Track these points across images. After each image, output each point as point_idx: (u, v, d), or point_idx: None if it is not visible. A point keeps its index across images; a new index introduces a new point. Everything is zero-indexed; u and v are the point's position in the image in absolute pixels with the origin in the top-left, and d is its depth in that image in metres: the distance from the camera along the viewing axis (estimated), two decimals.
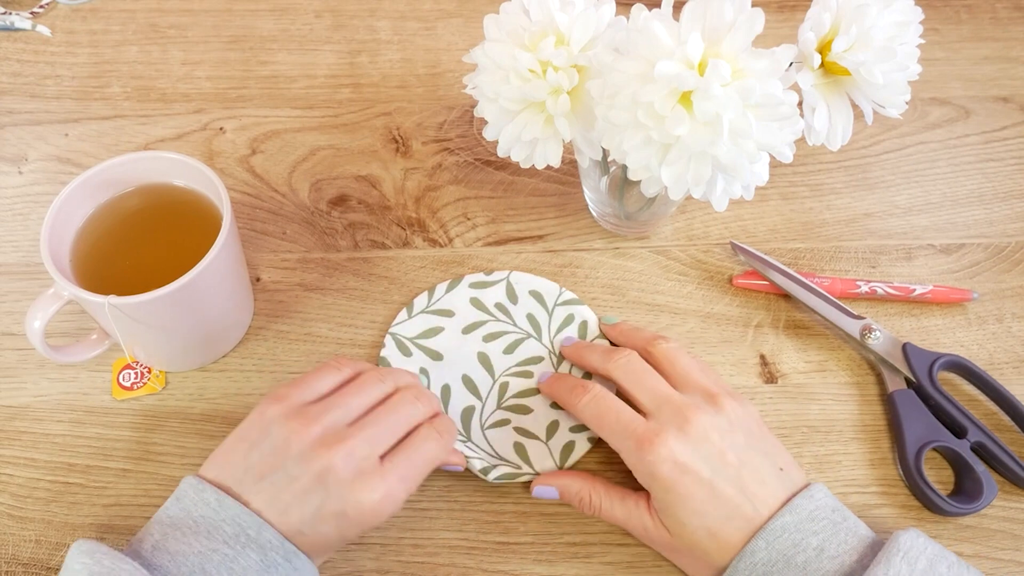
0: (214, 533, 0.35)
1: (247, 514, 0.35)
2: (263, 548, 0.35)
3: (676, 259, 0.53)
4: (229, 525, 0.35)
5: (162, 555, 0.35)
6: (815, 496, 0.38)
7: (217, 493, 0.36)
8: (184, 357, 0.47)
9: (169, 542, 0.35)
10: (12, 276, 0.51)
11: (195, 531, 0.35)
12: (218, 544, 0.35)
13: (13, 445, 0.45)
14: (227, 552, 0.35)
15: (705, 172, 0.39)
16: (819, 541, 0.37)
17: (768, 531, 0.37)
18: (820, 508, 0.38)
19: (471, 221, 0.55)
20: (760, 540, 0.37)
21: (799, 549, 0.36)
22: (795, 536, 0.37)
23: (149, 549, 0.35)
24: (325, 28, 0.65)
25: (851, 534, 0.37)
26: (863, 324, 0.49)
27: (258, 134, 0.58)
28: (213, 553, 0.35)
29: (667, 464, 0.38)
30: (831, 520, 0.38)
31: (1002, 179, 0.58)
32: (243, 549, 0.35)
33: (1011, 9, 0.68)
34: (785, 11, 0.67)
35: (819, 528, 0.37)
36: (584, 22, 0.41)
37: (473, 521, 0.44)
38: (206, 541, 0.35)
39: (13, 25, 0.64)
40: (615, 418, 0.41)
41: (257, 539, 0.35)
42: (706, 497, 0.38)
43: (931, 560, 0.36)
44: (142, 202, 0.46)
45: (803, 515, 0.37)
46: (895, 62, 0.40)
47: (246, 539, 0.35)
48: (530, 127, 0.43)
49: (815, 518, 0.37)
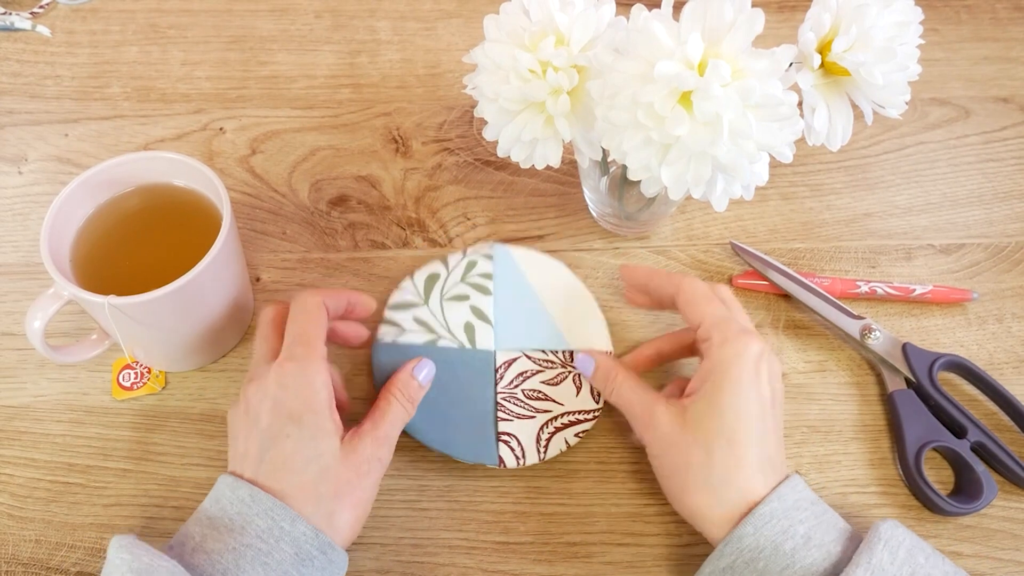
0: (247, 528, 0.36)
1: (280, 507, 0.36)
2: (296, 541, 0.36)
3: (676, 259, 0.53)
4: (262, 519, 0.36)
5: (199, 555, 0.35)
6: (797, 487, 0.38)
7: (251, 488, 0.37)
8: (184, 357, 0.47)
9: (207, 542, 0.36)
10: (12, 276, 0.51)
11: (230, 528, 0.36)
12: (251, 539, 0.35)
13: (13, 445, 0.45)
14: (261, 547, 0.35)
15: (705, 172, 0.39)
16: (806, 530, 0.37)
17: (756, 516, 0.37)
18: (802, 499, 0.38)
19: (471, 221, 0.55)
20: (748, 526, 0.37)
21: (787, 536, 0.36)
22: (783, 523, 0.37)
23: (190, 551, 0.36)
24: (325, 28, 0.65)
25: (832, 526, 0.38)
26: (863, 324, 0.49)
27: (258, 134, 0.58)
28: (247, 549, 0.35)
29: (756, 353, 0.39)
30: (813, 512, 0.38)
31: (1002, 179, 0.58)
32: (276, 543, 0.35)
33: (1011, 9, 0.68)
34: (785, 11, 0.67)
35: (804, 517, 0.37)
36: (584, 22, 0.41)
37: (473, 521, 0.44)
38: (240, 537, 0.35)
39: (13, 25, 0.64)
40: (712, 309, 0.41)
41: (291, 532, 0.36)
42: (758, 414, 0.39)
43: (910, 550, 0.36)
44: (142, 202, 0.46)
45: (789, 503, 0.37)
46: (895, 62, 0.40)
47: (279, 532, 0.36)
48: (530, 127, 0.43)
49: (800, 507, 0.38)
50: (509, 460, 0.44)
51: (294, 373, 0.39)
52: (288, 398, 0.38)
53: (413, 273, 0.50)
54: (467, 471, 0.45)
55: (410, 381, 0.43)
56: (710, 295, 0.42)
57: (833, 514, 0.39)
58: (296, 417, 0.38)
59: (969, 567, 0.43)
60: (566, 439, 0.45)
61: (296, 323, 0.41)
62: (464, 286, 0.49)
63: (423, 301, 0.48)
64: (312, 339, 0.40)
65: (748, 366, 0.39)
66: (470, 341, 0.47)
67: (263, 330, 0.42)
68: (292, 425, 0.38)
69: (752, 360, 0.39)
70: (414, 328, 0.47)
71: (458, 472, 0.45)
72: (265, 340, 0.42)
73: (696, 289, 0.42)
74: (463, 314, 0.48)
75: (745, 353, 0.39)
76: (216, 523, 0.36)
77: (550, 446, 0.44)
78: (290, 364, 0.39)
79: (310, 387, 0.39)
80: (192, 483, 0.44)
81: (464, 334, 0.47)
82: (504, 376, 0.46)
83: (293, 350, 0.40)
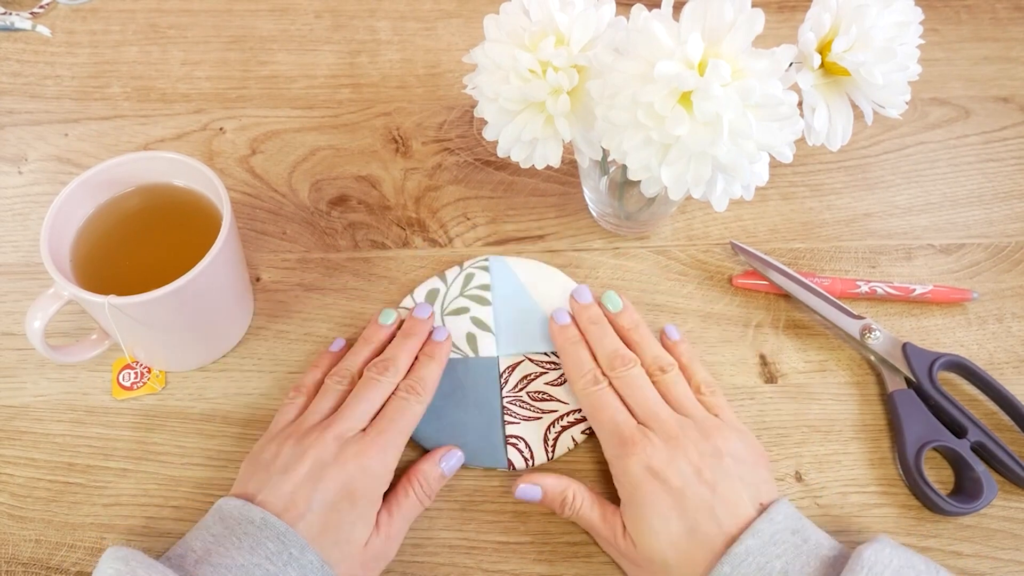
0: (257, 548, 0.36)
1: (291, 534, 0.36)
2: (304, 568, 0.36)
3: (676, 259, 0.53)
4: (273, 543, 0.36)
5: (204, 567, 0.35)
6: (775, 519, 0.38)
7: (263, 512, 0.37)
8: (184, 357, 0.47)
9: (212, 555, 0.36)
10: (12, 276, 0.51)
11: (239, 547, 0.36)
12: (261, 559, 0.35)
13: (13, 445, 0.45)
14: (269, 568, 0.35)
15: (705, 172, 0.39)
16: (783, 564, 0.36)
17: (732, 556, 0.36)
18: (780, 531, 0.37)
19: (471, 221, 0.55)
20: (725, 565, 0.36)
21: (764, 574, 0.36)
22: (759, 560, 0.36)
23: (192, 562, 0.36)
24: (325, 28, 0.65)
25: (812, 556, 0.37)
26: (863, 324, 0.49)
27: (258, 134, 0.58)
28: (256, 568, 0.35)
29: (641, 467, 0.39)
30: (792, 543, 0.37)
31: (1002, 179, 0.58)
32: (284, 567, 0.36)
33: (1011, 9, 0.68)
34: (785, 11, 0.67)
35: (781, 552, 0.36)
36: (584, 22, 0.41)
37: (473, 521, 0.44)
38: (249, 556, 0.35)
39: (13, 25, 0.64)
40: (610, 415, 0.42)
41: (300, 559, 0.36)
42: (672, 505, 0.38)
43: (897, 571, 0.35)
44: (142, 202, 0.46)
45: (765, 538, 0.37)
46: (895, 62, 0.40)
47: (288, 557, 0.36)
48: (530, 127, 0.43)
49: (776, 541, 0.37)
50: (518, 462, 0.44)
51: (379, 460, 0.40)
52: (359, 481, 0.39)
53: (413, 290, 0.50)
54: (467, 470, 0.45)
55: (433, 471, 0.43)
56: (638, 392, 0.42)
57: (816, 541, 0.37)
58: (355, 500, 0.39)
59: (969, 567, 0.43)
60: (573, 437, 0.45)
61: (400, 418, 0.42)
62: (463, 299, 0.49)
63: None
64: (403, 439, 0.42)
65: (638, 477, 0.39)
66: (473, 350, 0.47)
67: (311, 384, 0.44)
68: (347, 503, 0.38)
69: (640, 471, 0.39)
70: None
71: (458, 472, 0.45)
72: (306, 395, 0.44)
73: (622, 388, 0.43)
74: (464, 325, 0.48)
75: (631, 470, 0.39)
76: (222, 540, 0.36)
77: (558, 445, 0.45)
78: (378, 456, 0.40)
79: (381, 481, 0.40)
80: (192, 483, 0.44)
81: (467, 344, 0.48)
82: (508, 380, 0.47)
83: (385, 440, 0.40)
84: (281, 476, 0.38)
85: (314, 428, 0.41)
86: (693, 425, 0.41)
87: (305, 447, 0.39)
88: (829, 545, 0.38)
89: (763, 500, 0.39)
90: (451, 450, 0.44)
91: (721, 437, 0.41)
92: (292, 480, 0.38)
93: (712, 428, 0.41)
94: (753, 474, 0.40)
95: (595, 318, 0.47)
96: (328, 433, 0.40)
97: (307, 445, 0.39)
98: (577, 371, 0.44)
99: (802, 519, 0.39)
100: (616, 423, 0.41)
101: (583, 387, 0.44)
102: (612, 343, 0.45)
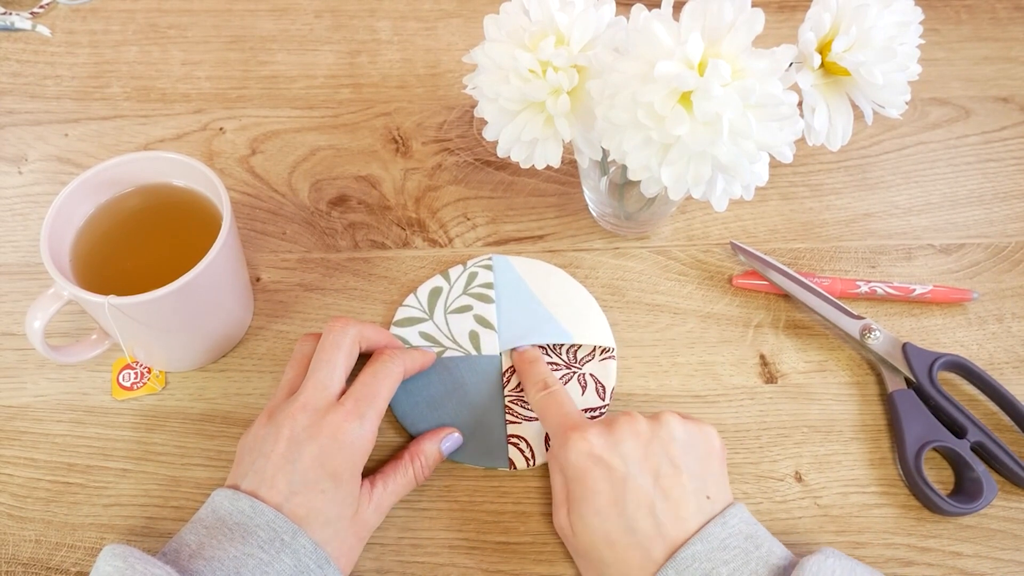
0: (249, 538, 0.35)
1: (282, 519, 0.36)
2: (297, 553, 0.36)
3: (676, 259, 0.53)
4: (264, 530, 0.36)
5: (198, 561, 0.35)
6: (728, 522, 0.37)
7: (251, 500, 0.37)
8: (184, 357, 0.47)
9: (205, 549, 0.35)
10: (12, 276, 0.51)
11: (231, 538, 0.36)
12: (253, 549, 0.35)
13: (13, 445, 0.45)
14: (262, 556, 0.35)
15: (705, 172, 0.39)
16: (729, 571, 0.35)
17: (678, 560, 0.35)
18: (732, 536, 0.36)
19: (471, 221, 0.55)
20: (669, 570, 0.35)
21: None
22: (705, 566, 0.35)
23: (187, 557, 0.35)
24: (325, 28, 0.65)
25: (762, 563, 0.36)
26: (863, 324, 0.49)
27: (258, 134, 0.58)
28: (248, 558, 0.35)
29: (582, 454, 0.39)
30: (743, 548, 0.36)
31: (1002, 179, 0.58)
32: (277, 554, 0.35)
33: (1011, 9, 0.68)
34: (785, 11, 0.67)
35: (730, 557, 0.36)
36: (584, 22, 0.41)
37: (473, 521, 0.44)
38: (241, 546, 0.35)
39: (13, 25, 0.64)
40: (557, 410, 0.42)
41: (292, 544, 0.36)
42: (614, 497, 0.37)
43: None
44: (142, 202, 0.46)
45: (714, 543, 0.36)
46: (895, 62, 0.40)
47: (280, 544, 0.36)
48: (530, 127, 0.43)
49: (727, 547, 0.36)
50: (519, 462, 0.44)
51: (353, 434, 0.39)
52: (336, 455, 0.38)
53: (416, 289, 0.50)
54: (467, 471, 0.45)
55: (433, 450, 0.43)
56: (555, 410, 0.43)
57: (769, 548, 0.37)
58: (336, 476, 0.38)
59: (969, 567, 0.43)
60: None
61: (374, 382, 0.41)
62: (467, 297, 0.49)
63: (428, 316, 0.49)
64: (382, 403, 0.41)
65: (579, 465, 0.38)
66: (475, 348, 0.47)
67: (299, 362, 0.43)
68: (329, 481, 0.38)
69: (582, 458, 0.38)
70: (420, 343, 0.48)
71: (458, 472, 0.45)
72: (296, 373, 0.42)
73: (539, 411, 0.43)
74: (467, 324, 0.48)
75: (572, 457, 0.39)
76: (215, 532, 0.36)
77: None
78: (353, 424, 0.39)
79: (361, 451, 0.39)
80: (192, 483, 0.44)
81: (469, 342, 0.48)
82: (511, 380, 0.47)
83: (361, 408, 0.39)
84: (260, 458, 0.38)
85: (283, 401, 0.40)
86: (640, 414, 0.40)
87: (278, 424, 0.39)
88: (781, 554, 0.37)
89: (709, 494, 0.38)
90: (452, 432, 0.44)
91: (667, 421, 0.40)
92: (271, 461, 0.38)
93: (660, 414, 0.40)
94: (704, 467, 0.39)
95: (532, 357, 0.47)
96: (294, 405, 0.39)
97: (279, 422, 0.39)
98: (529, 380, 0.45)
99: (757, 525, 0.38)
100: (563, 414, 0.42)
101: (535, 394, 0.44)
102: (538, 376, 0.46)
